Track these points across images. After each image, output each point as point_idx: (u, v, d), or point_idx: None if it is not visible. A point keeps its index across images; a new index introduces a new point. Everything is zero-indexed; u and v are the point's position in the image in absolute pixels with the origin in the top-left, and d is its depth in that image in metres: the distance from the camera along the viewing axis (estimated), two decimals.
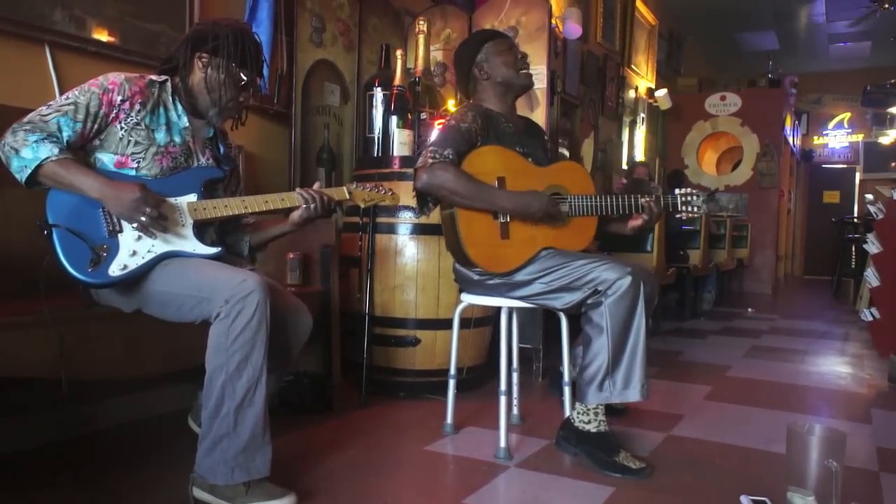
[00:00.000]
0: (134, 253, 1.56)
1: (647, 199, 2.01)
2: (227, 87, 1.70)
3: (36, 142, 1.46)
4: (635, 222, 2.09)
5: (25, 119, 1.50)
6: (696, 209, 2.04)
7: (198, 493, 1.55)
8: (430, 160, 1.92)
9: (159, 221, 1.57)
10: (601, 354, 1.89)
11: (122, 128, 1.60)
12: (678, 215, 2.09)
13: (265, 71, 1.82)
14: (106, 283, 1.54)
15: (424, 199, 2.08)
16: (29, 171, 1.46)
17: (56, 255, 1.49)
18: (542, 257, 2.00)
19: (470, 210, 1.95)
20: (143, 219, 1.52)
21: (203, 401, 1.55)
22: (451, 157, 1.93)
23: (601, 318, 1.89)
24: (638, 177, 5.20)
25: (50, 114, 1.51)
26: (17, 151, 1.46)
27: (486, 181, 1.96)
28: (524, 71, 2.15)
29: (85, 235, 1.51)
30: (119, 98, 1.59)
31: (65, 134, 1.52)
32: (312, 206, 1.77)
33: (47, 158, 1.46)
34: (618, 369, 1.89)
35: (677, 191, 2.07)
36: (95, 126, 1.57)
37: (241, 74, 1.71)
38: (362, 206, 1.92)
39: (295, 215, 1.82)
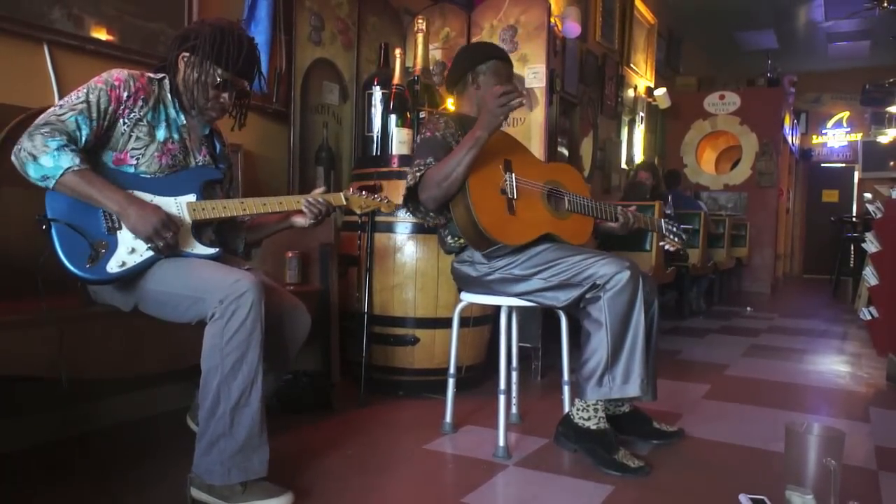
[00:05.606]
0: (133, 250, 1.55)
1: (625, 211, 2.22)
2: (199, 86, 1.67)
3: (57, 149, 1.44)
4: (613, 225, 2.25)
5: (41, 121, 1.47)
6: (676, 239, 2.33)
7: (195, 493, 1.56)
8: (418, 173, 1.96)
9: (174, 248, 1.58)
10: (600, 349, 1.90)
11: (125, 123, 1.59)
12: (660, 243, 2.40)
13: (264, 68, 1.80)
14: (103, 279, 1.54)
15: (425, 211, 2.07)
16: (53, 181, 1.44)
17: (54, 250, 1.48)
18: (542, 251, 2.00)
19: (469, 178, 1.90)
20: (160, 244, 1.54)
21: (199, 401, 1.55)
22: (432, 164, 1.96)
23: (600, 312, 1.90)
24: (639, 181, 5.17)
25: (66, 112, 1.49)
26: (35, 158, 1.43)
27: (493, 162, 1.98)
28: None
29: (84, 231, 1.51)
30: (125, 94, 1.59)
31: (83, 132, 1.51)
32: (319, 217, 1.81)
33: (68, 168, 1.45)
34: (617, 364, 1.90)
35: (664, 222, 2.35)
36: (106, 123, 1.56)
37: (217, 74, 1.67)
38: (358, 212, 1.95)
39: (299, 221, 1.85)
